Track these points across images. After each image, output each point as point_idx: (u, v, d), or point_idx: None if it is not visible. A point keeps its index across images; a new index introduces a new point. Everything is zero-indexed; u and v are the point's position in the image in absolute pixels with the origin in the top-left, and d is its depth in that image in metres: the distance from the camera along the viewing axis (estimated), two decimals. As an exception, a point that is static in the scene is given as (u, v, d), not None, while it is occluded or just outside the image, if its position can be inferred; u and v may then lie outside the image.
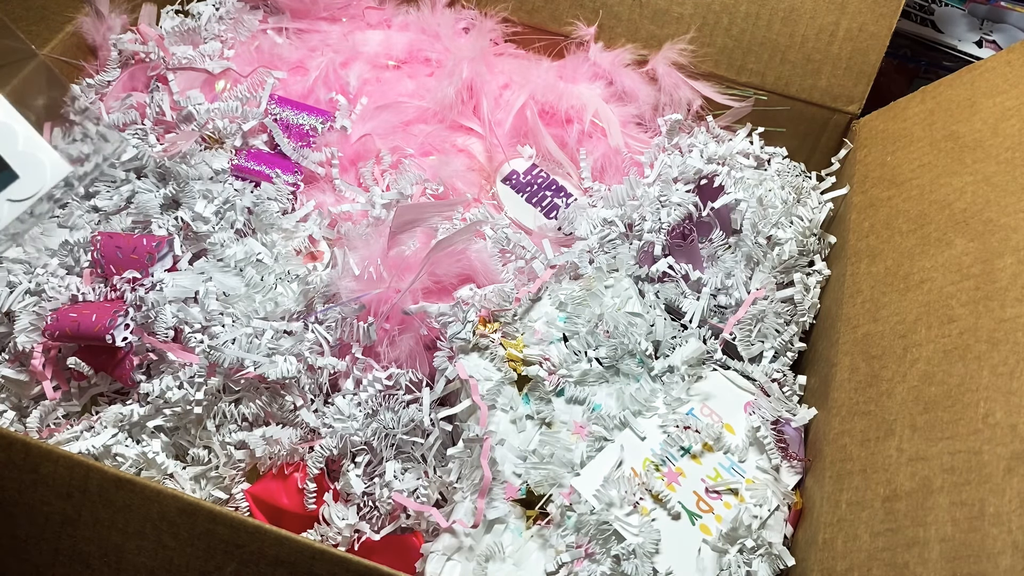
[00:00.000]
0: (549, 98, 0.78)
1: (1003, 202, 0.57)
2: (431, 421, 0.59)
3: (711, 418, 0.61)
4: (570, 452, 0.57)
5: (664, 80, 0.80)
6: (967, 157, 0.63)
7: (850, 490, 0.53)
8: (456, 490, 0.56)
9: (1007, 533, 0.43)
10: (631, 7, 0.80)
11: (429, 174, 0.72)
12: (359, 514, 0.58)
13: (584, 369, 0.60)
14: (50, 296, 0.61)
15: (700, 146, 0.77)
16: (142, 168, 0.69)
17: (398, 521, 0.57)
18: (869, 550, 0.49)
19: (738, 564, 0.54)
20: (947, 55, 0.93)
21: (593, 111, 0.78)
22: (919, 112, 0.71)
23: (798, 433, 0.61)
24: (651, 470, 0.57)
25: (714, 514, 0.56)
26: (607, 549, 0.53)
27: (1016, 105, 0.62)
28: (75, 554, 0.51)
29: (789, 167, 0.79)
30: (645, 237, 0.69)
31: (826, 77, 0.78)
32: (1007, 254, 0.54)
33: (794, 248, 0.70)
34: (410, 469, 0.59)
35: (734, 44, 0.79)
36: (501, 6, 0.82)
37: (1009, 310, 0.51)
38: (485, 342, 0.60)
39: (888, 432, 0.53)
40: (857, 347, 0.60)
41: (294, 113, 0.74)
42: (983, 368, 0.50)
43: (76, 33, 0.77)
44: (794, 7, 0.77)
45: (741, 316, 0.66)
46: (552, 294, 0.65)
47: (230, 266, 0.64)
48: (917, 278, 0.59)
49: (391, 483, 0.57)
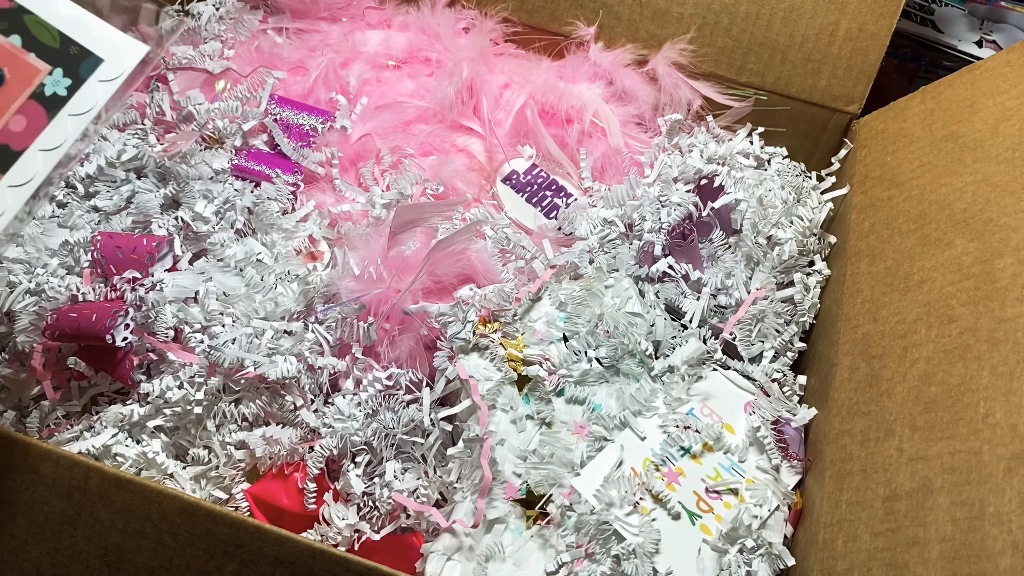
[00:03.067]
0: (549, 98, 0.78)
1: (1003, 202, 0.57)
2: (431, 421, 0.59)
3: (711, 418, 0.61)
4: (570, 452, 0.57)
5: (664, 80, 0.80)
6: (967, 157, 0.63)
7: (850, 490, 0.53)
8: (456, 490, 0.56)
9: (1007, 533, 0.43)
10: (631, 7, 0.80)
11: (429, 174, 0.72)
12: (359, 514, 0.58)
13: (584, 369, 0.60)
14: (50, 296, 0.61)
15: (700, 146, 0.77)
16: (142, 168, 0.69)
17: (398, 521, 0.57)
18: (869, 550, 0.49)
19: (738, 564, 0.54)
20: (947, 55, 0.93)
21: (593, 111, 0.78)
22: (919, 112, 0.71)
23: (798, 433, 0.61)
24: (651, 470, 0.57)
25: (714, 514, 0.56)
26: (607, 549, 0.53)
27: (1016, 105, 0.62)
28: (75, 554, 0.51)
29: (789, 167, 0.79)
30: (645, 237, 0.69)
31: (826, 77, 0.78)
32: (1007, 254, 0.54)
33: (794, 248, 0.70)
34: (410, 469, 0.59)
35: (734, 44, 0.79)
36: (501, 6, 0.82)
37: (1009, 310, 0.51)
38: (485, 342, 0.60)
39: (888, 432, 0.53)
40: (857, 347, 0.60)
41: (294, 113, 0.74)
42: (983, 368, 0.50)
43: (76, 33, 0.77)
44: (794, 7, 0.77)
45: (741, 316, 0.66)
46: (552, 294, 0.65)
47: (230, 266, 0.64)
48: (917, 278, 0.59)
49: (391, 483, 0.57)
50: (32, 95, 0.46)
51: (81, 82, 0.46)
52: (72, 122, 0.45)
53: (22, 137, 0.45)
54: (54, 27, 0.47)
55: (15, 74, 0.46)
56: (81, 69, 0.46)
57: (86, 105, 0.46)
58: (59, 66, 0.46)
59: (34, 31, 0.47)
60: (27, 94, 0.46)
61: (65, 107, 0.46)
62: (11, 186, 0.44)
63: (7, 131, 0.45)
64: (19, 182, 0.44)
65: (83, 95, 0.46)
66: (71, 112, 0.45)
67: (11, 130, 0.45)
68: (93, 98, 0.46)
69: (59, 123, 0.45)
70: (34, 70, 0.46)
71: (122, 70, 0.47)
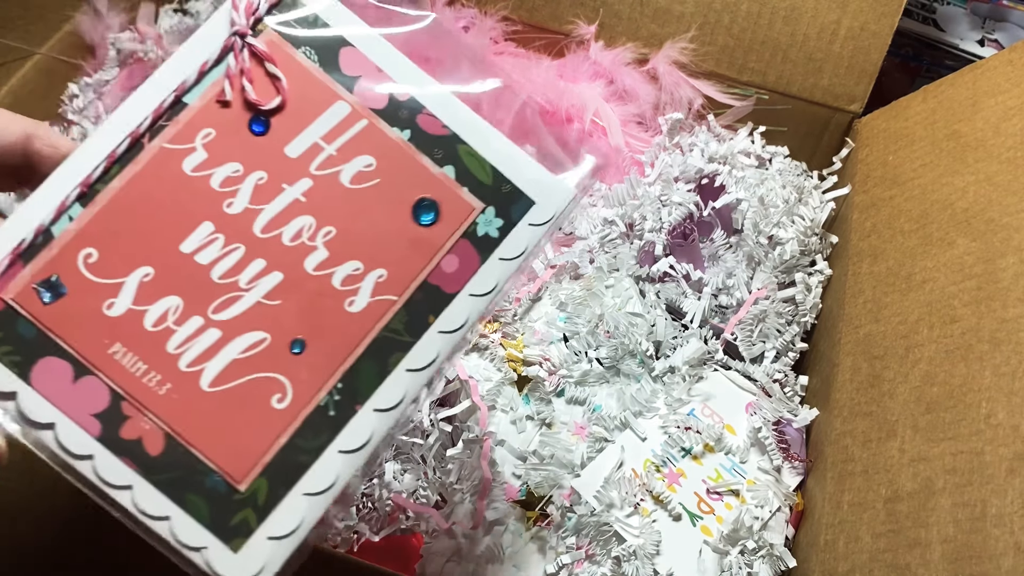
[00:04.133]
0: (549, 97, 0.78)
1: (1005, 202, 0.57)
2: (430, 422, 0.59)
3: (712, 419, 0.61)
4: (570, 453, 0.57)
5: (665, 79, 0.80)
6: (969, 156, 0.63)
7: (852, 491, 0.53)
8: (456, 491, 0.56)
9: (1009, 534, 0.43)
10: (632, 6, 0.80)
11: (429, 173, 0.71)
12: (358, 515, 0.58)
13: (584, 369, 0.60)
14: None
15: (701, 145, 0.77)
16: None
17: (397, 522, 0.57)
18: (871, 551, 0.49)
19: (739, 565, 0.53)
20: (949, 54, 0.93)
21: (594, 110, 0.77)
22: (921, 111, 0.71)
23: (799, 434, 0.61)
24: (652, 471, 0.57)
25: (715, 515, 0.56)
26: (607, 550, 0.53)
27: (1018, 104, 0.62)
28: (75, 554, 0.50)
29: (790, 166, 0.79)
30: (646, 237, 0.68)
31: (828, 76, 0.78)
32: (1009, 254, 0.54)
33: (795, 248, 0.70)
34: (409, 470, 0.59)
35: (735, 43, 0.79)
36: (501, 5, 0.82)
37: (1011, 310, 0.51)
38: (485, 342, 0.60)
39: (890, 433, 0.53)
40: (859, 347, 0.60)
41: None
42: (985, 368, 0.50)
43: (74, 32, 0.76)
44: (796, 6, 0.77)
45: (742, 316, 0.65)
46: (552, 294, 0.64)
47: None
48: (919, 278, 0.59)
49: (390, 484, 0.57)
50: (465, 234, 0.42)
51: (512, 224, 0.42)
52: (501, 267, 0.42)
53: (454, 279, 0.41)
54: (488, 161, 0.44)
55: (449, 209, 0.42)
56: (513, 210, 0.43)
57: (516, 249, 0.42)
58: (492, 204, 0.43)
59: (468, 163, 0.43)
60: (460, 232, 0.42)
61: (497, 250, 0.42)
62: (441, 332, 0.40)
63: (439, 271, 0.41)
64: (450, 328, 0.40)
65: (514, 238, 0.42)
66: (502, 256, 0.42)
67: (443, 270, 0.41)
68: (523, 242, 0.42)
69: (490, 267, 0.41)
70: (468, 207, 0.42)
71: (552, 214, 0.43)
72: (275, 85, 0.41)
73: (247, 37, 0.41)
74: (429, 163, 0.42)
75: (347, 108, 0.42)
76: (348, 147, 0.42)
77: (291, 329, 0.39)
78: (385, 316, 0.40)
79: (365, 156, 0.42)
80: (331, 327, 0.40)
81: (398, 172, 0.42)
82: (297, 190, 0.41)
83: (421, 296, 0.40)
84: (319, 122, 0.42)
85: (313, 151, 0.41)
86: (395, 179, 0.42)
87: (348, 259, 0.41)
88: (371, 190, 0.42)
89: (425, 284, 0.41)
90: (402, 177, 0.42)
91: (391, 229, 0.41)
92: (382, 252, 0.41)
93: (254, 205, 0.40)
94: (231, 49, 0.41)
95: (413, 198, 0.42)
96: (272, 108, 0.41)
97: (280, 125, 0.41)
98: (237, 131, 0.41)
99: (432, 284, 0.41)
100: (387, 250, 0.41)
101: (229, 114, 0.41)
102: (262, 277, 0.40)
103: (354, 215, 0.41)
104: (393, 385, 0.39)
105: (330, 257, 0.40)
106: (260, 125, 0.41)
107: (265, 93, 0.41)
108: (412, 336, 0.40)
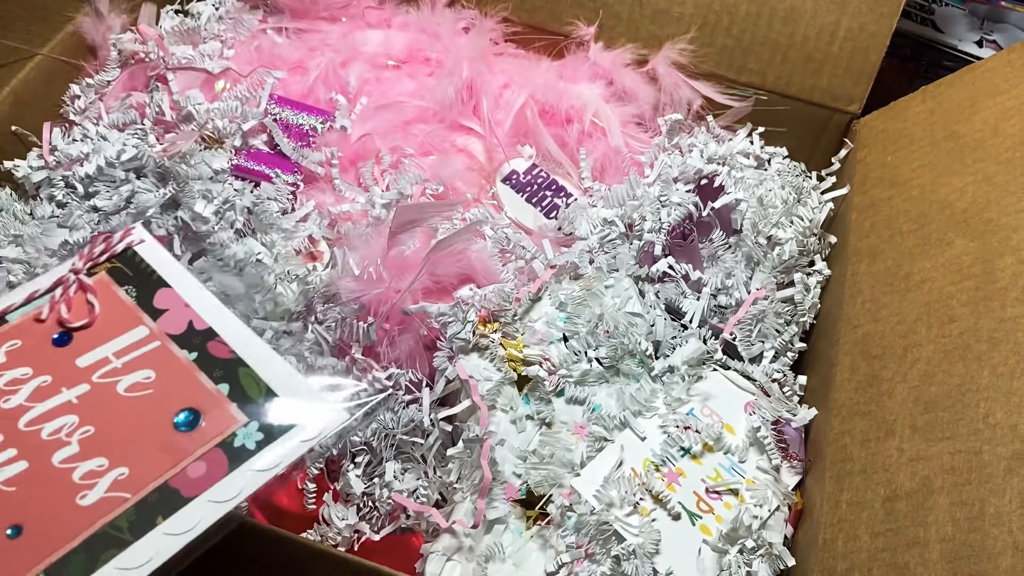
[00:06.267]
0: (549, 98, 0.78)
1: (1003, 202, 0.57)
2: (431, 421, 0.59)
3: (711, 418, 0.61)
4: (570, 452, 0.57)
5: (664, 80, 0.80)
6: (967, 157, 0.63)
7: (850, 490, 0.53)
8: (456, 490, 0.56)
9: (1007, 533, 0.43)
10: (631, 7, 0.80)
11: (429, 174, 0.71)
12: (359, 514, 0.58)
13: (584, 369, 0.60)
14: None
15: (700, 146, 0.77)
16: (142, 168, 0.69)
17: (398, 521, 0.57)
18: (869, 550, 0.49)
19: (738, 564, 0.53)
20: (947, 55, 0.93)
21: (593, 111, 0.78)
22: (919, 112, 0.71)
23: (798, 433, 0.61)
24: (651, 470, 0.57)
25: (714, 514, 0.56)
26: (607, 549, 0.53)
27: (1016, 105, 0.62)
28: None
29: (789, 167, 0.79)
30: (645, 237, 0.68)
31: (826, 77, 0.78)
32: (1007, 254, 0.54)
33: (794, 248, 0.70)
34: (410, 469, 0.59)
35: (734, 44, 0.79)
36: (501, 6, 0.82)
37: (1010, 310, 0.51)
38: (485, 342, 0.60)
39: (888, 432, 0.53)
40: (857, 347, 0.60)
41: (294, 113, 0.74)
42: (983, 368, 0.50)
43: (76, 33, 0.76)
44: (794, 7, 0.77)
45: (741, 316, 0.66)
46: (552, 294, 0.65)
47: (230, 266, 0.63)
48: (917, 278, 0.59)
49: (391, 483, 0.57)
50: (220, 444, 0.45)
51: (272, 439, 0.46)
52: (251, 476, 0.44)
53: (196, 484, 0.44)
54: (264, 382, 0.48)
55: (211, 420, 0.46)
56: (276, 428, 0.46)
57: (272, 462, 0.45)
58: (257, 420, 0.46)
59: (244, 382, 0.48)
60: (215, 441, 0.45)
61: (249, 461, 0.45)
62: (167, 533, 0.42)
63: (183, 475, 0.44)
64: (178, 531, 0.42)
65: (272, 452, 0.45)
66: (255, 467, 0.45)
67: (187, 475, 0.44)
68: (280, 456, 0.45)
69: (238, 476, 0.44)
70: (231, 419, 0.46)
71: (317, 433, 0.46)
72: (88, 309, 0.51)
73: (80, 274, 0.52)
74: (205, 380, 0.48)
75: (145, 331, 0.50)
76: (134, 362, 0.48)
77: (13, 515, 0.42)
78: (112, 512, 0.43)
79: (146, 370, 0.48)
80: (54, 518, 0.42)
81: (173, 386, 0.48)
82: (73, 393, 0.47)
83: (156, 497, 0.43)
84: (116, 340, 0.50)
85: (101, 363, 0.48)
86: (168, 391, 0.47)
87: (95, 456, 0.44)
88: (143, 398, 0.47)
89: (164, 486, 0.44)
90: (175, 390, 0.47)
91: (148, 433, 0.46)
92: (131, 453, 0.45)
93: (28, 403, 0.46)
94: (63, 283, 0.52)
95: (178, 408, 0.47)
96: (78, 326, 0.50)
97: (81, 340, 0.50)
98: (41, 342, 0.49)
99: (172, 487, 0.44)
100: (137, 451, 0.45)
101: (40, 329, 0.50)
102: (7, 465, 0.44)
103: (117, 418, 0.46)
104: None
105: (79, 453, 0.44)
106: (63, 337, 0.50)
107: (78, 315, 0.51)
108: (134, 535, 0.42)
